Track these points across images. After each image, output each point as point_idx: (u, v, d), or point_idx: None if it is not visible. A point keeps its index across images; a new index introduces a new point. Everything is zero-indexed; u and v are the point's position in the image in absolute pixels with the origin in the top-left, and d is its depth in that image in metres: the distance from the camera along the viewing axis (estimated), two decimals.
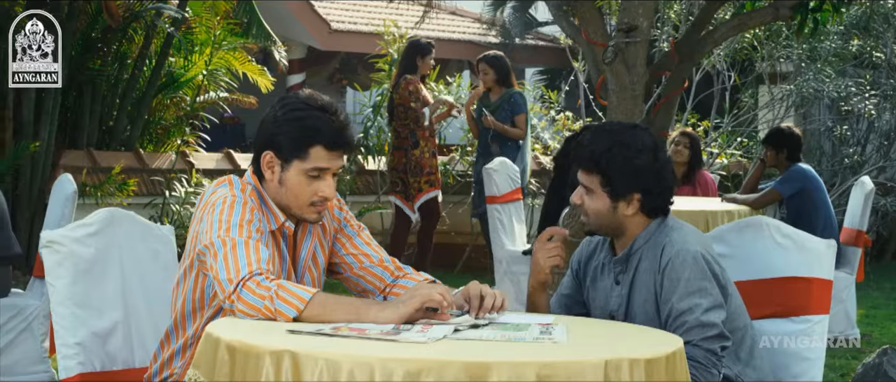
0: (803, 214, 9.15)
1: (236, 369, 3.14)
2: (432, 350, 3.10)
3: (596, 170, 4.08)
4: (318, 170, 3.76)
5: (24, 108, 10.11)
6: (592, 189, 4.09)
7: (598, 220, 4.11)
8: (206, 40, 11.73)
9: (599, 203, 4.09)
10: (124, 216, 4.26)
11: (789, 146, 9.37)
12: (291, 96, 3.84)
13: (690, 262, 3.95)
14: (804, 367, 4.27)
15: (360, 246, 4.03)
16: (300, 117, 3.74)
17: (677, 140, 10.29)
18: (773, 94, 14.03)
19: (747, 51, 13.60)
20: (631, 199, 4.07)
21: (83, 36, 10.81)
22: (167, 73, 11.76)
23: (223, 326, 3.34)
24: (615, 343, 3.45)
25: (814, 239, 4.31)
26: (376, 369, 2.94)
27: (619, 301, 4.12)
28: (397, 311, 3.43)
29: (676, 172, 10.19)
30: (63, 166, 10.37)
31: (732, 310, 4.05)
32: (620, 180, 4.06)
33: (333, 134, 3.75)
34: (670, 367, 3.23)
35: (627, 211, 4.09)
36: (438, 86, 12.95)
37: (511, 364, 2.98)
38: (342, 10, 21.32)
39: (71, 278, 3.97)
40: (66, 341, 3.94)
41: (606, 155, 4.05)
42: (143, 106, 11.41)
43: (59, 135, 10.62)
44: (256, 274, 3.51)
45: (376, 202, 12.65)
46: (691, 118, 13.87)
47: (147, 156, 11.35)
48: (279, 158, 3.78)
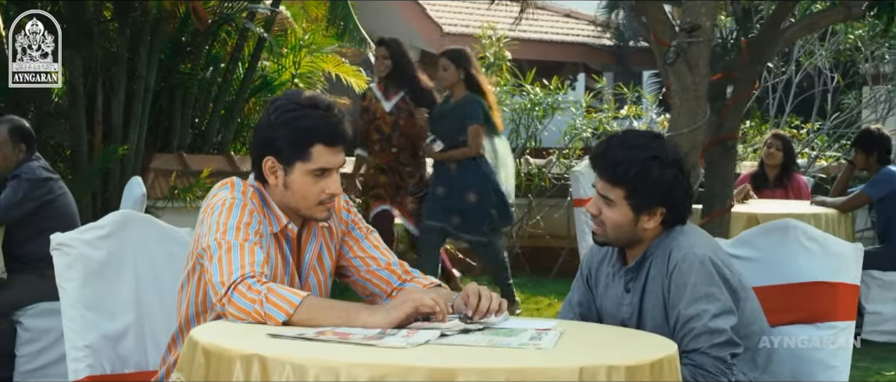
0: (894, 217, 8.96)
1: (211, 372, 3.13)
2: (400, 355, 3.04)
3: (622, 184, 3.94)
4: (322, 170, 3.72)
5: (114, 112, 10.22)
6: (614, 201, 3.96)
7: (616, 233, 3.99)
8: (299, 43, 11.75)
9: (619, 215, 3.96)
10: (139, 218, 4.26)
11: (879, 148, 9.20)
12: (281, 98, 3.80)
13: (697, 267, 3.83)
14: (829, 374, 4.13)
15: (367, 250, 3.98)
16: (294, 118, 3.70)
17: (770, 142, 10.12)
18: (877, 96, 13.74)
19: (850, 52, 13.32)
20: (654, 213, 3.96)
21: (172, 39, 10.89)
22: (260, 76, 11.81)
23: (204, 329, 3.33)
24: (603, 350, 3.36)
25: (841, 243, 4.18)
26: (342, 373, 2.90)
27: (631, 309, 4.02)
28: (388, 316, 3.38)
29: (769, 175, 10.03)
30: (153, 170, 10.47)
31: (747, 315, 3.93)
32: (647, 195, 3.93)
33: (331, 130, 3.71)
34: (656, 374, 3.13)
35: (648, 225, 3.97)
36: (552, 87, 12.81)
37: (479, 370, 2.91)
38: (454, 13, 21.29)
39: (81, 280, 3.98)
40: (75, 343, 3.95)
41: (635, 169, 3.92)
42: (236, 109, 11.47)
43: (150, 138, 10.71)
44: (249, 276, 3.48)
45: None
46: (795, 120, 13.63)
47: (239, 160, 11.40)
48: (281, 162, 3.74)
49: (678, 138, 6.31)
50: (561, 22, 23.16)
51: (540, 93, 12.80)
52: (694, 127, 6.30)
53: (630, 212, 3.95)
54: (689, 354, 3.81)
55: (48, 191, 7.11)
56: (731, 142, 6.97)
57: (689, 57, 6.29)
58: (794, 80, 12.97)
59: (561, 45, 21.93)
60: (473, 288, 3.59)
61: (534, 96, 12.66)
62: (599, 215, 4.00)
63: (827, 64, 13.48)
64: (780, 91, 13.84)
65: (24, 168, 7.09)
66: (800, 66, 13.03)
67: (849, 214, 9.02)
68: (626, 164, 3.92)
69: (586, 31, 22.30)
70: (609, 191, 3.96)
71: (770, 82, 13.80)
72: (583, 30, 22.56)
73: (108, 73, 10.39)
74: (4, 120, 7.39)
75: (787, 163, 10.10)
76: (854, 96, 14.20)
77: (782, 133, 10.43)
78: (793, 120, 13.55)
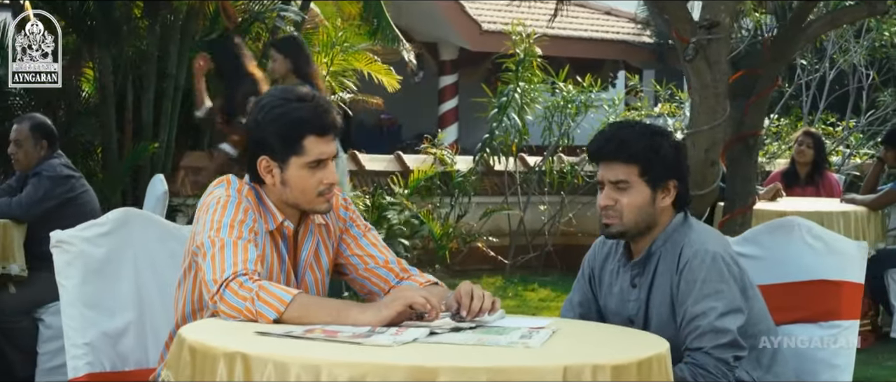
0: None
1: (196, 370, 3.12)
2: (381, 353, 3.02)
3: (634, 161, 3.94)
4: (318, 161, 3.71)
5: (144, 110, 10.27)
6: (630, 181, 3.95)
7: (636, 216, 3.97)
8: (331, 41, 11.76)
9: (638, 196, 3.95)
10: (140, 216, 4.25)
11: None
12: (265, 97, 3.78)
13: (709, 263, 3.81)
14: (833, 374, 4.09)
15: (365, 247, 3.97)
16: (282, 113, 3.68)
17: (801, 140, 10.05)
18: None
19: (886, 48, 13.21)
20: (668, 187, 3.97)
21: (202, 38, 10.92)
22: None
23: (192, 327, 3.32)
24: (592, 348, 3.32)
25: (845, 241, 4.12)
26: (323, 372, 2.87)
27: (637, 305, 3.98)
28: (379, 314, 3.35)
29: (800, 173, 9.96)
30: (183, 167, 10.51)
31: (754, 314, 3.89)
32: (660, 167, 3.95)
33: (320, 120, 3.69)
34: (644, 373, 3.08)
35: (664, 202, 3.98)
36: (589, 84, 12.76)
37: (460, 368, 2.87)
38: (494, 11, 21.23)
39: (80, 278, 3.98)
40: (74, 341, 3.95)
41: (644, 144, 3.94)
42: None
43: (180, 136, 10.75)
44: (241, 274, 3.47)
45: (503, 203, 12.59)
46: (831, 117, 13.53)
47: None
48: (275, 160, 3.72)
49: (698, 135, 6.27)
50: (601, 19, 23.10)
51: (572, 90, 12.75)
52: (714, 124, 6.25)
53: (647, 190, 3.95)
54: (693, 353, 3.77)
55: (70, 189, 7.13)
56: (753, 140, 6.91)
57: (709, 54, 6.25)
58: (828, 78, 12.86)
59: (601, 43, 21.87)
60: (466, 287, 3.56)
61: (566, 94, 12.63)
62: (614, 205, 3.97)
63: (862, 61, 13.35)
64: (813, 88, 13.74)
65: (45, 165, 7.12)
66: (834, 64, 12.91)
67: (879, 212, 8.94)
68: (633, 141, 3.94)
69: (627, 29, 22.23)
70: (624, 173, 3.95)
71: (803, 80, 13.70)
72: (623, 27, 22.48)
73: (138, 72, 10.43)
74: (26, 117, 7.43)
75: (819, 160, 10.02)
76: (890, 93, 14.08)
77: (813, 130, 10.35)
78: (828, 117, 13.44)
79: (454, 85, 21.56)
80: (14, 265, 6.96)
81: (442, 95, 21.68)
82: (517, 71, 12.28)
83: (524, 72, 12.29)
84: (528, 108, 12.41)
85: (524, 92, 12.31)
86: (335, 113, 3.75)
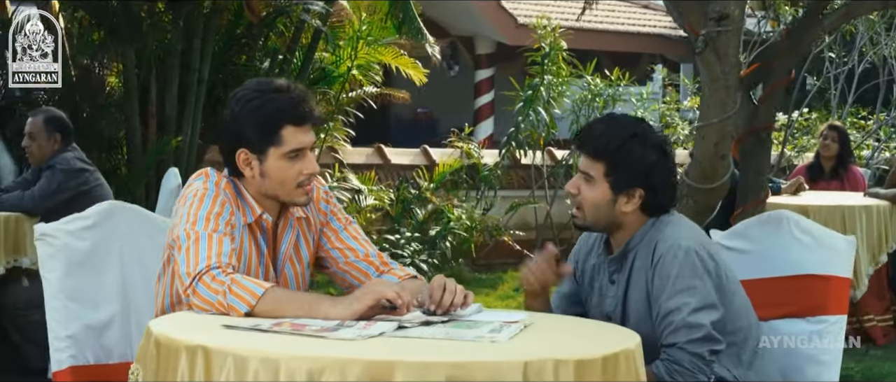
0: None
1: (160, 363, 3.13)
2: (340, 348, 3.00)
3: (603, 158, 3.88)
4: (296, 151, 3.70)
5: (167, 104, 10.26)
6: (594, 177, 3.90)
7: (594, 213, 3.93)
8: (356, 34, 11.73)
9: (598, 193, 3.90)
10: (126, 209, 4.25)
11: None
12: (240, 90, 3.77)
13: (682, 258, 3.75)
14: (819, 371, 4.04)
15: (346, 241, 3.95)
16: (259, 105, 3.68)
17: (825, 134, 9.97)
18: None
19: None
20: (632, 195, 3.88)
21: (227, 31, 10.92)
22: (318, 68, 11.81)
23: (160, 321, 3.33)
24: (559, 344, 3.29)
25: (834, 236, 4.07)
26: (281, 366, 2.87)
27: (615, 302, 3.94)
28: (350, 308, 3.34)
29: (824, 167, 9.88)
30: (207, 161, 10.51)
31: (735, 310, 3.84)
32: (627, 173, 3.87)
33: (296, 109, 3.69)
34: (609, 369, 3.05)
35: (626, 208, 3.90)
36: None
37: (418, 364, 2.86)
38: (531, 5, 21.20)
39: (63, 271, 3.97)
40: (57, 334, 3.94)
41: (620, 143, 3.87)
42: None
43: (205, 130, 10.75)
44: (214, 267, 3.47)
45: (530, 197, 12.55)
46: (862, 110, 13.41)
47: None
48: (254, 152, 3.72)
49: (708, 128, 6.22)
50: (639, 13, 23.01)
51: (600, 84, 12.70)
52: (724, 117, 6.19)
53: (609, 191, 3.89)
54: (667, 349, 3.73)
55: (83, 182, 7.17)
56: (766, 133, 6.85)
57: (718, 46, 6.19)
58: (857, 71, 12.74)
59: (638, 37, 21.80)
60: (438, 280, 3.54)
61: (593, 87, 12.58)
62: (578, 194, 3.94)
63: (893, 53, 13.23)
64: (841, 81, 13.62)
65: (59, 158, 7.15)
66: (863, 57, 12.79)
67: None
68: (607, 138, 3.87)
69: (664, 22, 22.10)
70: (590, 167, 3.91)
71: (832, 73, 13.59)
72: (660, 21, 22.36)
73: (162, 66, 10.44)
74: (41, 110, 7.47)
75: (844, 154, 9.95)
76: None
77: (838, 124, 10.26)
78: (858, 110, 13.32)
79: (490, 79, 21.53)
80: (26, 258, 7.00)
81: (478, 89, 21.66)
82: (543, 64, 12.22)
83: (551, 65, 12.23)
84: (556, 102, 12.35)
85: (551, 85, 12.25)
86: (313, 102, 3.75)
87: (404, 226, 11.07)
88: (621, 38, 21.19)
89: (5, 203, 7.06)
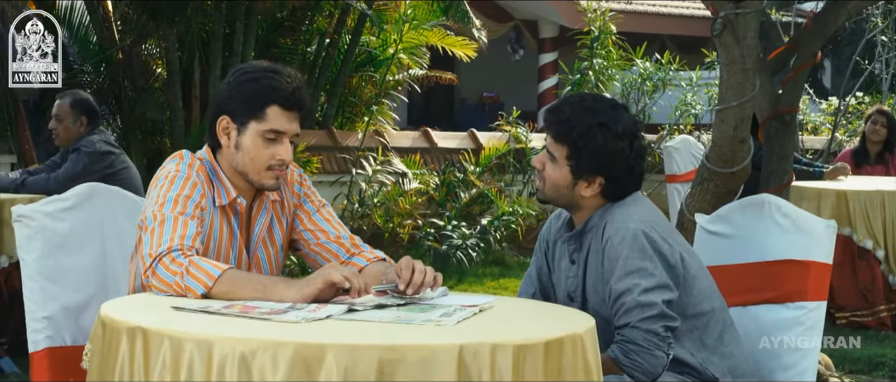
0: None
1: (105, 344, 3.15)
2: (272, 330, 3.00)
3: (567, 142, 3.85)
4: (275, 133, 3.70)
5: (211, 87, 10.32)
6: (557, 158, 3.88)
7: (554, 192, 3.91)
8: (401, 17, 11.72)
9: (559, 174, 3.88)
10: (107, 191, 4.26)
11: None
12: (243, 65, 3.84)
13: (629, 240, 3.72)
14: (795, 358, 3.96)
15: (318, 223, 3.95)
16: (254, 79, 3.72)
17: (874, 118, 9.83)
18: None
19: None
20: (592, 181, 3.85)
21: (271, 15, 10.95)
22: (364, 51, 11.81)
23: (112, 302, 3.35)
24: (508, 328, 3.26)
25: (814, 220, 4.00)
26: (215, 348, 2.89)
27: (576, 282, 3.91)
28: (301, 291, 3.34)
29: (870, 151, 9.74)
30: None
31: (696, 294, 3.79)
32: (588, 160, 3.83)
33: (289, 93, 3.71)
34: (553, 353, 3.01)
35: (585, 192, 3.87)
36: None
37: (350, 346, 2.85)
38: None
39: (41, 252, 3.97)
40: (35, 315, 3.94)
41: (584, 131, 3.83)
42: (339, 84, 11.48)
43: None
44: (175, 249, 3.48)
45: None
46: None
47: (341, 135, 11.44)
48: (235, 122, 3.75)
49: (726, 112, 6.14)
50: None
51: (650, 67, 12.61)
52: (742, 100, 6.10)
53: (569, 174, 3.86)
54: (621, 330, 3.70)
55: (108, 165, 7.20)
56: (790, 117, 6.74)
57: (737, 29, 6.11)
58: None
59: (701, 20, 21.57)
60: (407, 261, 3.54)
61: (643, 71, 12.50)
62: (542, 170, 3.92)
63: None
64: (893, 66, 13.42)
65: (85, 141, 7.19)
66: None
67: None
68: (572, 122, 3.84)
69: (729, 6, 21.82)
70: (553, 148, 3.89)
71: (884, 56, 13.39)
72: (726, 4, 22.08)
73: (205, 49, 10.50)
74: (68, 92, 7.51)
75: (891, 139, 9.80)
76: None
77: (886, 109, 10.10)
78: None
79: (554, 63, 21.42)
80: None
81: (542, 73, 21.58)
82: (592, 47, 12.15)
83: (600, 48, 12.16)
84: (605, 85, 12.28)
85: (601, 69, 12.18)
86: (306, 95, 3.77)
87: (448, 210, 11.04)
88: (684, 22, 21.03)
89: (31, 185, 7.11)
